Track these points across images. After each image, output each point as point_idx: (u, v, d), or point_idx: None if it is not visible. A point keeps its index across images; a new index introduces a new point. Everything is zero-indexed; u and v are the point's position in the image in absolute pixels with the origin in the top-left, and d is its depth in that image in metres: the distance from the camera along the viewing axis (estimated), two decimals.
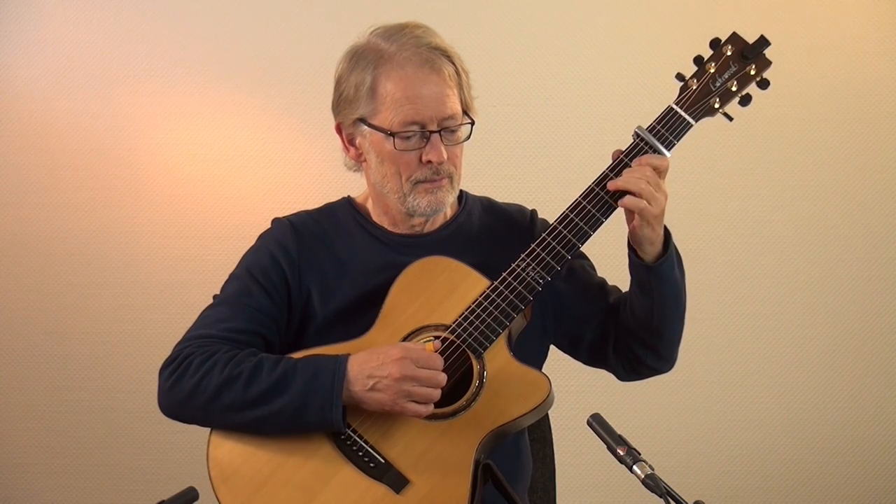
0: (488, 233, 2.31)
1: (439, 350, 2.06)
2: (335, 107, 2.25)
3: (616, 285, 2.31)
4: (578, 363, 2.37)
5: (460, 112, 2.18)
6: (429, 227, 2.28)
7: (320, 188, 3.54)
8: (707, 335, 3.61)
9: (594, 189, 2.13)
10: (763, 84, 2.20)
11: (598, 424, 1.93)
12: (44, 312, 3.67)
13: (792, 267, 3.65)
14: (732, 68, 2.18)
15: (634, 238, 2.13)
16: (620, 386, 2.39)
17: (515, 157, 3.63)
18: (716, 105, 2.17)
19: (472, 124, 2.21)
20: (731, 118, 2.20)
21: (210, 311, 2.21)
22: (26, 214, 3.66)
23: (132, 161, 3.66)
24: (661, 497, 1.79)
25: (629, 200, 2.07)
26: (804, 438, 3.66)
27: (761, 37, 2.19)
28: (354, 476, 2.04)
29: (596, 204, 2.12)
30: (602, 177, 2.13)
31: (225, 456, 2.07)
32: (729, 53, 2.18)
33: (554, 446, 2.49)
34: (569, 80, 3.64)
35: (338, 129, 2.26)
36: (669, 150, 2.13)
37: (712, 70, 2.18)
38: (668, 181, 2.13)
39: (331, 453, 2.06)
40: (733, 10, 3.59)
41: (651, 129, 2.14)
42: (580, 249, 2.14)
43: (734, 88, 2.18)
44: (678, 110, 2.16)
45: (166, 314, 3.61)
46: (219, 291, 2.25)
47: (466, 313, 2.10)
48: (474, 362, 2.09)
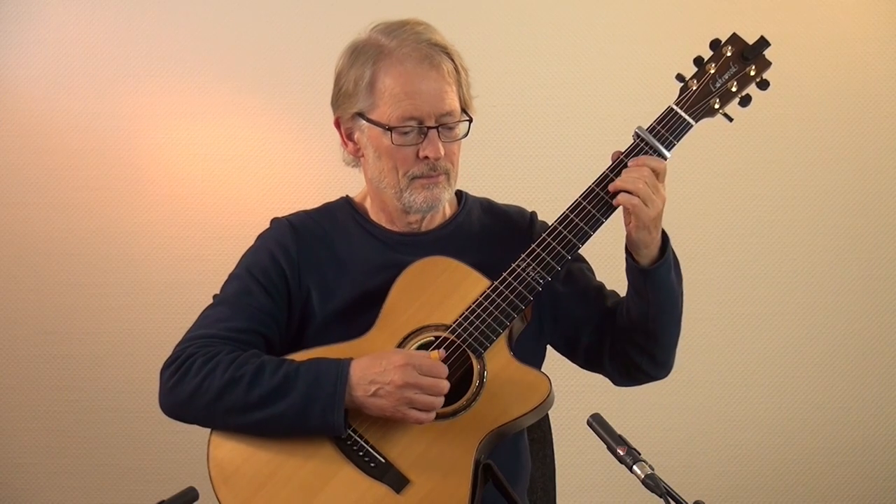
0: (487, 233, 2.31)
1: (444, 358, 2.06)
2: (334, 101, 2.25)
3: (614, 290, 2.31)
4: None
5: (458, 109, 2.19)
6: (427, 226, 2.28)
7: (320, 188, 3.53)
8: (707, 335, 3.61)
9: (594, 189, 2.13)
10: (763, 85, 2.20)
11: (598, 424, 1.93)
12: (44, 312, 3.67)
13: (792, 267, 3.65)
14: (732, 69, 2.18)
15: (631, 241, 2.12)
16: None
17: (515, 157, 3.63)
18: (716, 106, 2.17)
19: (470, 122, 2.21)
20: (731, 119, 2.19)
21: (210, 311, 2.21)
22: (26, 214, 3.66)
23: (132, 161, 3.66)
24: (661, 497, 1.79)
25: (624, 198, 2.07)
26: (804, 438, 3.66)
27: (761, 38, 2.19)
28: (355, 476, 2.04)
29: (596, 204, 2.12)
30: (602, 177, 2.13)
31: (225, 456, 2.07)
32: (729, 54, 2.18)
33: (554, 446, 2.49)
34: (569, 80, 3.64)
35: (336, 124, 2.26)
36: (669, 151, 2.13)
37: (712, 71, 2.18)
38: (669, 181, 2.13)
39: (331, 453, 2.05)
40: (733, 10, 3.58)
41: (651, 130, 2.14)
42: (580, 250, 2.14)
43: (734, 89, 2.18)
44: (678, 111, 2.15)
45: (166, 314, 3.61)
46: (219, 291, 2.25)
47: (467, 313, 2.10)
48: (474, 362, 2.09)
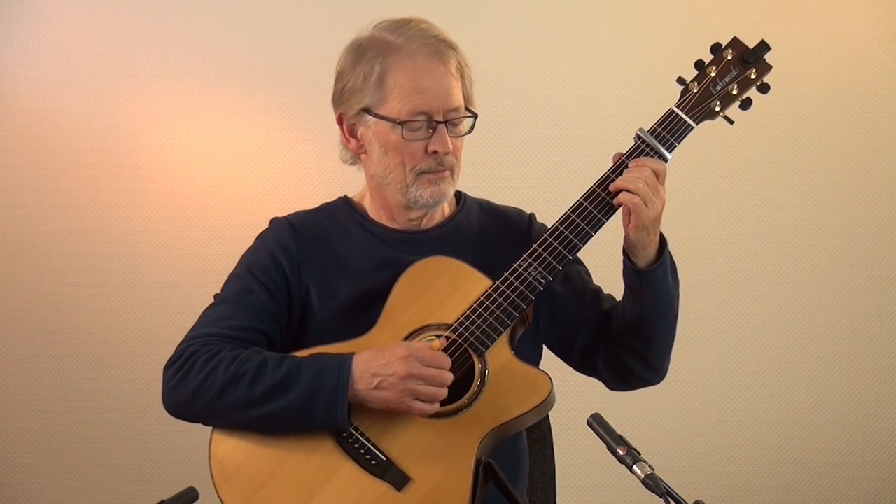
0: (486, 233, 2.31)
1: (443, 349, 2.06)
2: (337, 98, 2.24)
3: (612, 294, 2.31)
4: None
5: (463, 105, 2.20)
6: (426, 223, 2.28)
7: (320, 188, 3.53)
8: (707, 335, 3.61)
9: (595, 190, 2.13)
10: (763, 88, 2.20)
11: (598, 424, 1.93)
12: (44, 312, 3.67)
13: (792, 267, 3.65)
14: (733, 72, 2.19)
15: (628, 242, 2.13)
16: None
17: (515, 157, 3.63)
18: (716, 108, 2.18)
19: (475, 118, 2.22)
20: (732, 122, 2.20)
21: (212, 311, 2.21)
22: (26, 214, 3.66)
23: (132, 161, 3.66)
24: (661, 497, 1.79)
25: (625, 197, 2.08)
26: (804, 438, 3.66)
27: (762, 41, 2.20)
28: (356, 474, 2.04)
29: (597, 205, 2.12)
30: (603, 178, 2.14)
31: (227, 454, 2.07)
32: (729, 58, 2.19)
33: (554, 446, 2.49)
34: (569, 80, 3.64)
35: (339, 121, 2.25)
36: (670, 152, 2.14)
37: (713, 74, 2.19)
38: (669, 181, 2.14)
39: (332, 451, 2.05)
40: (733, 10, 3.58)
41: (652, 131, 2.15)
42: (580, 251, 2.14)
43: (735, 92, 2.18)
44: (679, 113, 2.16)
45: (166, 314, 3.61)
46: (219, 291, 2.25)
47: (468, 312, 2.10)
48: (476, 361, 2.09)
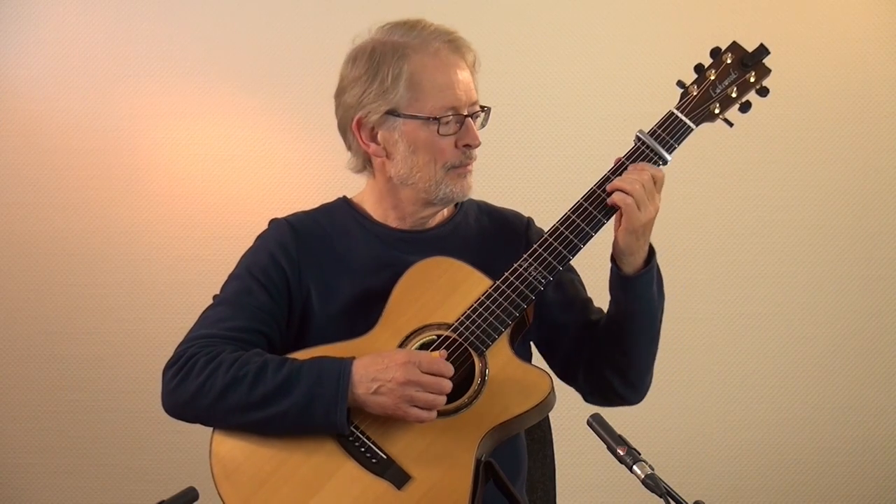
0: (484, 234, 2.32)
1: (446, 357, 2.06)
2: (355, 104, 2.20)
3: (602, 307, 2.30)
4: None
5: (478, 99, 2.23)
6: (428, 224, 2.29)
7: (320, 188, 3.53)
8: (707, 335, 3.61)
9: (595, 191, 2.14)
10: (763, 92, 2.21)
11: (598, 424, 1.93)
12: (44, 312, 3.67)
13: (792, 267, 3.65)
14: (732, 75, 2.20)
15: (617, 246, 2.13)
16: None
17: (515, 157, 3.63)
18: (716, 111, 2.18)
19: (489, 111, 2.24)
20: (732, 124, 2.21)
21: (211, 312, 2.21)
22: (26, 214, 3.66)
23: (132, 161, 3.66)
24: (661, 497, 1.79)
25: (618, 196, 2.09)
26: (804, 438, 3.66)
27: (761, 45, 2.21)
28: (356, 472, 2.04)
29: (597, 206, 2.13)
30: (603, 179, 2.15)
31: (228, 453, 2.07)
32: (729, 61, 2.20)
33: (554, 446, 2.49)
34: (569, 80, 3.64)
35: (356, 127, 2.22)
36: (670, 154, 2.15)
37: (712, 77, 2.20)
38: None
39: (333, 449, 2.06)
40: (733, 10, 3.59)
41: (652, 133, 2.15)
42: (580, 252, 2.14)
43: (734, 95, 2.19)
44: (679, 115, 2.17)
45: (166, 314, 3.61)
46: (219, 292, 2.25)
47: (469, 312, 2.11)
48: (476, 360, 2.09)
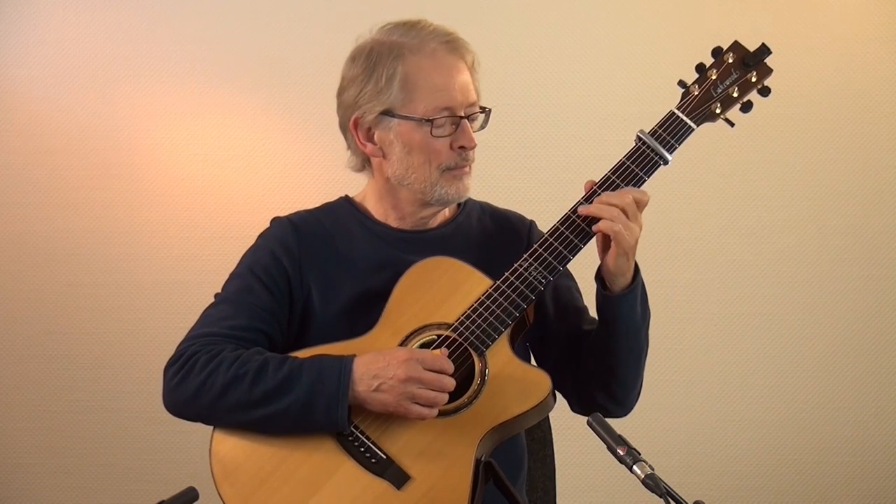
0: (486, 235, 2.32)
1: (444, 346, 2.07)
2: (352, 104, 2.21)
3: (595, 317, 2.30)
4: None
5: (477, 100, 2.21)
6: (430, 224, 2.29)
7: (320, 188, 3.53)
8: (707, 335, 3.60)
9: (597, 192, 2.13)
10: (764, 92, 2.21)
11: (598, 424, 1.93)
12: (44, 312, 3.67)
13: (792, 267, 3.65)
14: (734, 75, 2.19)
15: (607, 269, 2.12)
16: None
17: (515, 157, 3.63)
18: (717, 111, 2.18)
19: (489, 112, 2.23)
20: (733, 124, 2.21)
21: (212, 310, 2.21)
22: (26, 214, 3.66)
23: (132, 161, 3.66)
24: (661, 497, 1.79)
25: (604, 224, 2.07)
26: (804, 438, 3.66)
27: (762, 45, 2.20)
28: (356, 472, 2.04)
29: None
30: (604, 180, 2.14)
31: (228, 452, 2.07)
32: (730, 61, 2.20)
33: (554, 446, 2.49)
34: (569, 80, 3.64)
35: (354, 126, 2.22)
36: (671, 154, 2.14)
37: (714, 77, 2.19)
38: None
39: (333, 449, 2.05)
40: (733, 10, 3.58)
41: (653, 133, 2.15)
42: (580, 252, 2.14)
43: (735, 95, 2.19)
44: (680, 115, 2.16)
45: (166, 314, 3.61)
46: (220, 290, 2.25)
47: (469, 311, 2.11)
48: (476, 360, 2.09)
